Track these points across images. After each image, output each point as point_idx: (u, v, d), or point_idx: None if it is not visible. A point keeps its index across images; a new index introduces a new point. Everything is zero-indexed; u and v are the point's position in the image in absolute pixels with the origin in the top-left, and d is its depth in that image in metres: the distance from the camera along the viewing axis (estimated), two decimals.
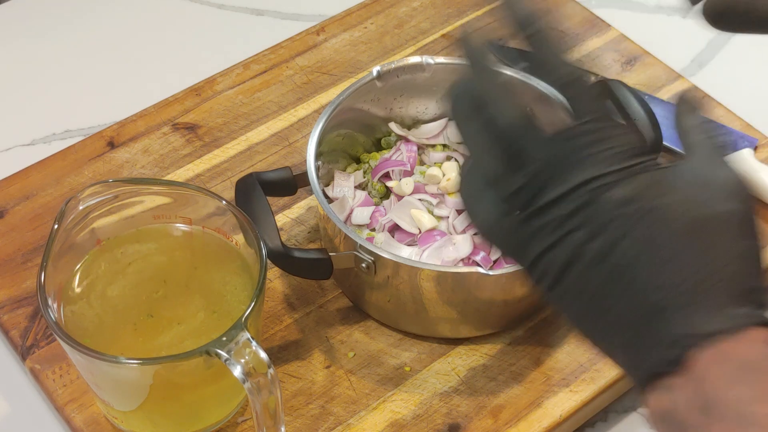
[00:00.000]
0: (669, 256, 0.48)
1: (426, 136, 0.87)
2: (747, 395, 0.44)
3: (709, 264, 0.47)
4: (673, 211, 0.49)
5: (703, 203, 0.49)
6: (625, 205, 0.49)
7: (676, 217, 0.48)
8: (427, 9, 1.03)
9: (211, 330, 0.70)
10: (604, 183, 0.50)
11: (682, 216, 0.48)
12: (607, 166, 0.50)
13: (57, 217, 0.71)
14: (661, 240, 0.48)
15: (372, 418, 0.75)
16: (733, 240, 0.48)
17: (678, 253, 0.48)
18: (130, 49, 1.05)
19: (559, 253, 0.50)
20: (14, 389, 0.79)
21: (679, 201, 0.49)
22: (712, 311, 0.47)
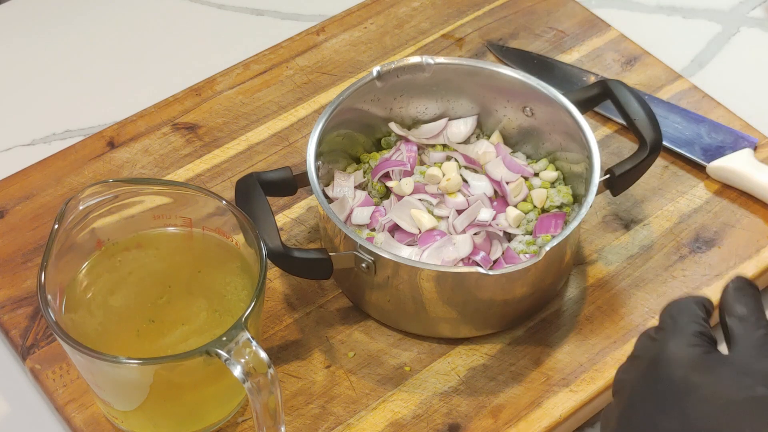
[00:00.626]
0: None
1: (426, 136, 0.87)
2: None
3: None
4: (710, 393, 0.56)
5: (737, 389, 0.55)
6: (674, 387, 0.57)
7: (716, 395, 0.55)
8: (427, 9, 1.03)
9: (214, 328, 0.70)
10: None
11: (721, 395, 0.55)
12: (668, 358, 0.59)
13: (57, 217, 0.71)
14: (699, 415, 0.55)
15: (372, 418, 0.75)
16: (765, 424, 0.54)
17: (714, 429, 0.54)
18: (130, 49, 1.05)
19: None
20: (14, 389, 0.79)
21: (715, 383, 0.56)
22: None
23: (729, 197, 0.88)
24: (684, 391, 0.56)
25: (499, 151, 0.85)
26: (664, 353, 0.58)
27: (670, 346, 0.58)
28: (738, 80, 1.01)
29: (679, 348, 0.58)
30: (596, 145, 0.79)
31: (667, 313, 0.61)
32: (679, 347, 0.58)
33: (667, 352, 0.58)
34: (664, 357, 0.58)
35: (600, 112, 0.93)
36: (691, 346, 0.58)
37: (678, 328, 0.59)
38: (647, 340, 0.61)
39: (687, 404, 0.56)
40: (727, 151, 0.89)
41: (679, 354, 0.58)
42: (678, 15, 1.08)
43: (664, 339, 0.59)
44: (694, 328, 0.59)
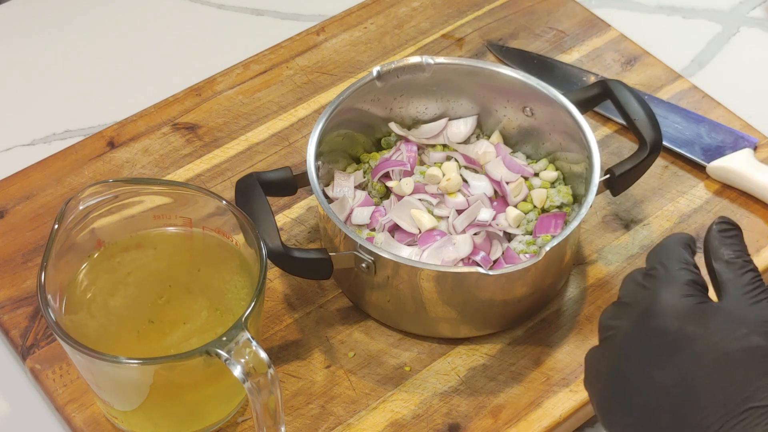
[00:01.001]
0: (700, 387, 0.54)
1: (426, 136, 0.87)
2: None
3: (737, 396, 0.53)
4: (704, 345, 0.55)
5: (731, 339, 0.55)
6: (668, 338, 0.56)
7: (710, 347, 0.55)
8: (427, 9, 1.03)
9: (216, 326, 0.70)
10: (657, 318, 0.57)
11: (716, 347, 0.55)
12: (661, 308, 0.58)
13: (57, 217, 0.71)
14: (695, 368, 0.55)
15: (372, 418, 0.75)
16: (760, 373, 0.54)
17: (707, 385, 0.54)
18: (130, 49, 1.05)
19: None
20: (14, 389, 0.79)
21: (710, 335, 0.55)
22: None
23: (729, 197, 0.88)
24: (679, 344, 0.56)
25: (499, 151, 0.85)
26: (656, 304, 0.57)
27: (663, 296, 0.57)
28: (738, 80, 1.01)
29: (672, 299, 0.57)
30: (596, 145, 0.79)
31: (656, 258, 0.60)
32: (672, 298, 0.57)
33: (660, 302, 0.57)
34: (657, 308, 0.57)
35: (600, 112, 0.93)
36: (685, 296, 0.57)
37: (670, 277, 0.58)
38: (636, 287, 0.60)
39: (682, 357, 0.55)
40: (727, 151, 0.89)
41: (672, 305, 0.57)
42: (678, 15, 1.08)
43: (656, 288, 0.58)
44: (686, 276, 0.58)
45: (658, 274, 0.59)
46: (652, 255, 0.61)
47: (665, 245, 0.60)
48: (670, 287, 0.58)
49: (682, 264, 0.59)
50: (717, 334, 0.55)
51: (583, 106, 0.83)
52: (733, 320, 0.56)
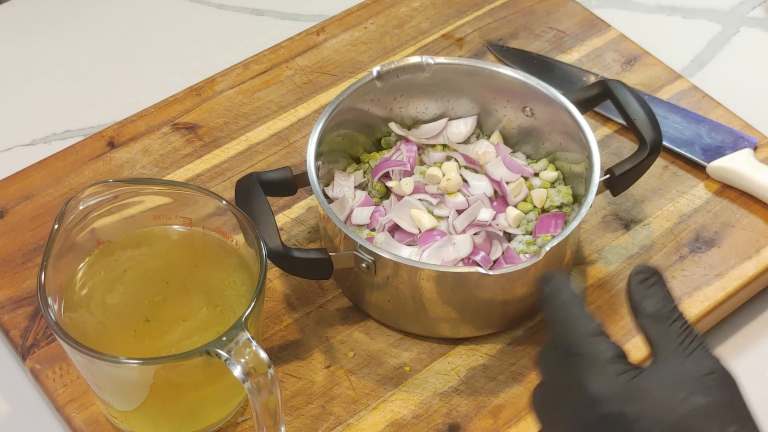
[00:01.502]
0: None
1: (426, 136, 0.87)
2: None
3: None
4: (649, 420, 0.54)
5: (676, 405, 0.54)
6: (612, 423, 0.55)
7: (654, 425, 0.54)
8: (427, 9, 1.03)
9: (216, 324, 0.71)
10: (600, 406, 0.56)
11: (659, 422, 0.54)
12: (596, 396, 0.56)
13: (57, 217, 0.71)
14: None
15: (372, 418, 0.75)
16: (718, 429, 0.53)
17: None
18: (130, 49, 1.05)
19: None
20: (14, 389, 0.79)
21: (651, 409, 0.54)
22: None
23: (729, 197, 0.88)
24: (624, 427, 0.54)
25: (499, 151, 0.85)
26: (591, 392, 0.56)
27: (595, 383, 0.56)
28: (738, 80, 1.01)
29: (604, 383, 0.56)
30: (596, 145, 0.79)
31: (563, 337, 0.58)
32: (604, 383, 0.56)
33: (594, 390, 0.56)
34: (592, 396, 0.56)
35: (600, 112, 0.93)
36: (616, 376, 0.56)
37: (591, 360, 0.57)
38: (557, 365, 0.59)
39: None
40: (727, 151, 0.89)
41: (606, 391, 0.55)
42: (678, 15, 1.08)
43: (583, 375, 0.56)
44: (606, 353, 0.57)
45: (576, 360, 0.57)
46: (555, 330, 0.59)
47: (564, 319, 0.59)
48: (597, 371, 0.56)
49: (593, 338, 0.57)
50: (658, 407, 0.54)
51: (583, 106, 0.83)
52: (670, 385, 0.55)
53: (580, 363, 0.57)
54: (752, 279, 0.83)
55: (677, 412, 0.53)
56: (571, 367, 0.58)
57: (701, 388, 0.54)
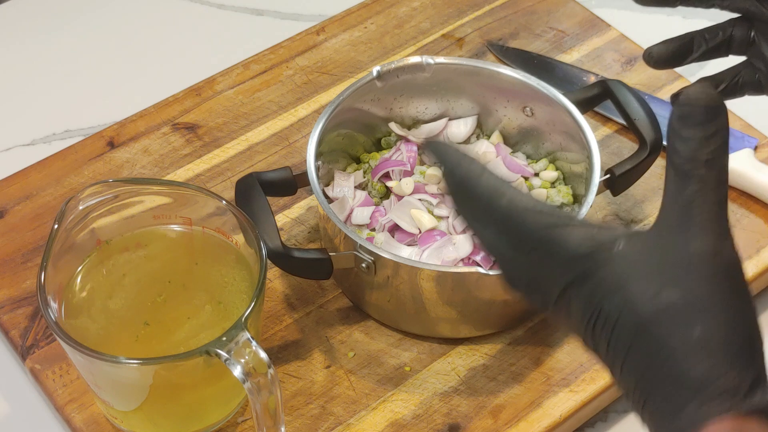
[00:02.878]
0: (622, 362, 0.47)
1: (426, 136, 0.87)
2: None
3: (659, 365, 0.46)
4: (618, 314, 0.47)
5: (645, 301, 0.46)
6: (585, 311, 0.49)
7: (622, 321, 0.47)
8: (427, 9, 1.03)
9: (222, 320, 0.71)
10: (569, 292, 0.49)
11: (627, 319, 0.47)
12: (564, 281, 0.49)
13: (57, 217, 0.71)
14: (614, 344, 0.47)
15: (372, 418, 0.75)
16: (680, 333, 0.46)
17: (629, 356, 0.47)
18: (130, 49, 1.05)
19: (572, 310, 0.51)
20: (14, 389, 0.79)
21: (623, 302, 0.47)
22: (675, 414, 0.46)
23: (729, 197, 0.88)
24: (601, 324, 0.48)
25: (499, 151, 0.85)
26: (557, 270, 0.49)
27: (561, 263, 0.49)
28: None
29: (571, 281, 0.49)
30: (596, 145, 0.79)
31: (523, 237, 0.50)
32: (572, 282, 0.49)
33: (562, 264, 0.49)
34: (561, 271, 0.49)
35: (600, 112, 0.93)
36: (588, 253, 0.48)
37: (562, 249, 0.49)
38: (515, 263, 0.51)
39: (606, 338, 0.48)
40: None
41: (578, 290, 0.48)
42: (678, 15, 1.08)
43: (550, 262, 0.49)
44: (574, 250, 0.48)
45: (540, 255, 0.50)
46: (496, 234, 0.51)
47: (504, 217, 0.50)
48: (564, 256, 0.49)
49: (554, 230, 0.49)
50: (623, 301, 0.47)
51: (583, 106, 0.83)
52: (646, 271, 0.46)
53: (544, 264, 0.49)
54: (752, 279, 0.83)
55: (645, 309, 0.46)
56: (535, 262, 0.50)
57: (678, 278, 0.46)
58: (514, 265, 0.51)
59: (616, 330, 0.47)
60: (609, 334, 0.47)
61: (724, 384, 0.44)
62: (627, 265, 0.47)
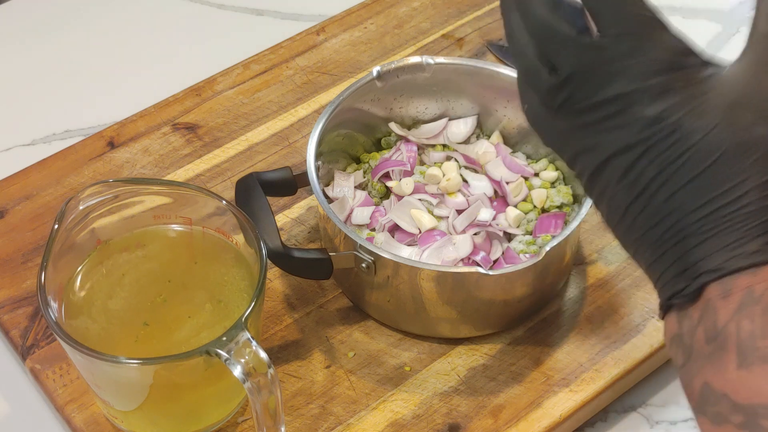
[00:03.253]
0: (688, 180, 0.47)
1: (426, 136, 0.87)
2: (752, 330, 0.45)
3: (732, 195, 0.46)
4: (704, 135, 0.47)
5: (739, 129, 0.46)
6: (653, 124, 0.48)
7: (706, 142, 0.46)
8: (427, 9, 1.03)
9: (223, 319, 0.71)
10: (636, 98, 0.48)
11: (713, 141, 0.46)
12: (641, 81, 0.48)
13: (57, 217, 0.71)
14: (683, 163, 0.47)
15: (372, 418, 0.75)
16: (762, 171, 0.46)
17: (698, 178, 0.46)
18: (130, 49, 1.05)
19: (591, 160, 0.50)
20: (14, 389, 0.79)
21: (712, 124, 0.47)
22: (732, 245, 0.46)
23: None
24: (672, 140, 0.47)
25: (499, 151, 0.85)
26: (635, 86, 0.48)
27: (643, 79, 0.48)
28: None
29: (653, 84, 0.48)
30: None
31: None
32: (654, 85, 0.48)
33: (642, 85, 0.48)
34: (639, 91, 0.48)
35: None
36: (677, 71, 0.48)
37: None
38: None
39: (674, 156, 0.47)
40: None
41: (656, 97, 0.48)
42: (678, 15, 1.08)
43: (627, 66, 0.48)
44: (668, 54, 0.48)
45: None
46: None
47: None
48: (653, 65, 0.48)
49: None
50: (719, 126, 0.46)
51: None
52: (741, 104, 0.47)
53: (627, 53, 0.48)
54: None
55: (736, 137, 0.46)
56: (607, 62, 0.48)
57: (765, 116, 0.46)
58: (575, 45, 0.49)
59: (693, 150, 0.46)
60: (678, 155, 0.47)
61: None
62: (722, 91, 0.47)
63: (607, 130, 0.49)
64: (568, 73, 0.49)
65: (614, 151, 0.49)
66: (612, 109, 0.48)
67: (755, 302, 0.45)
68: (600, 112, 0.49)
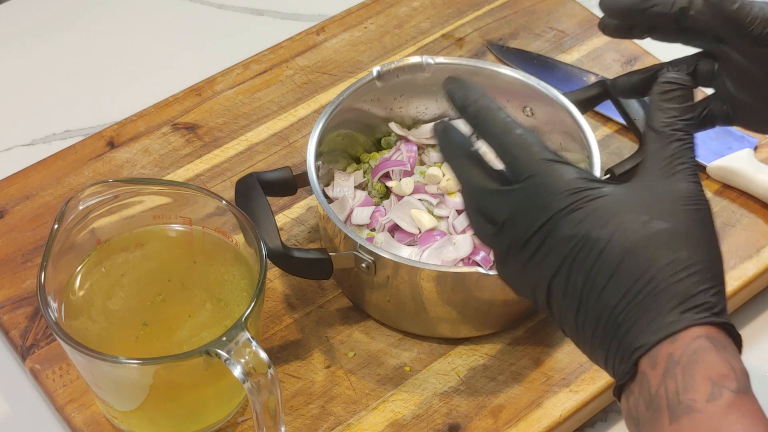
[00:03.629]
0: (607, 280, 0.53)
1: (426, 136, 0.87)
2: (676, 388, 0.51)
3: (642, 282, 0.52)
4: (608, 240, 0.53)
5: (636, 228, 0.53)
6: (570, 241, 0.54)
7: (611, 246, 0.53)
8: (427, 9, 1.03)
9: (224, 318, 0.71)
10: (553, 224, 0.55)
11: (617, 243, 0.53)
12: (553, 209, 0.55)
13: (57, 217, 0.71)
14: (599, 268, 0.53)
15: (372, 418, 0.75)
16: (668, 255, 0.53)
17: (614, 277, 0.53)
18: (131, 49, 1.05)
19: (540, 290, 0.57)
20: (14, 389, 0.79)
21: (613, 229, 0.54)
22: (652, 323, 0.52)
23: (729, 197, 0.88)
24: (584, 249, 0.54)
25: None
26: (549, 211, 0.55)
27: (553, 202, 0.55)
28: None
29: (564, 201, 0.55)
30: (596, 145, 0.79)
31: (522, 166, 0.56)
32: (563, 201, 0.55)
33: (553, 207, 0.55)
34: (551, 214, 0.55)
35: (600, 112, 0.93)
36: (577, 193, 0.55)
37: (551, 184, 0.55)
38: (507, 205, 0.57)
39: (591, 264, 0.54)
40: (727, 151, 0.89)
41: (567, 207, 0.55)
42: None
43: (542, 198, 0.55)
44: (570, 174, 0.55)
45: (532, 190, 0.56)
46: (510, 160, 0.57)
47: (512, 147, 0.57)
48: (555, 192, 0.55)
49: (549, 163, 0.56)
50: (617, 230, 0.53)
51: (583, 106, 0.83)
52: (635, 207, 0.54)
53: (538, 191, 0.55)
54: (752, 279, 0.83)
55: (635, 235, 0.53)
56: (514, 199, 0.56)
57: (665, 213, 0.53)
58: (500, 197, 0.57)
59: (604, 255, 0.53)
60: (593, 262, 0.53)
61: (704, 298, 0.52)
62: (618, 201, 0.55)
63: (543, 258, 0.56)
64: (503, 220, 0.57)
65: (551, 274, 0.55)
66: (539, 239, 0.55)
67: (676, 364, 0.51)
68: (533, 245, 0.56)
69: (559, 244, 0.55)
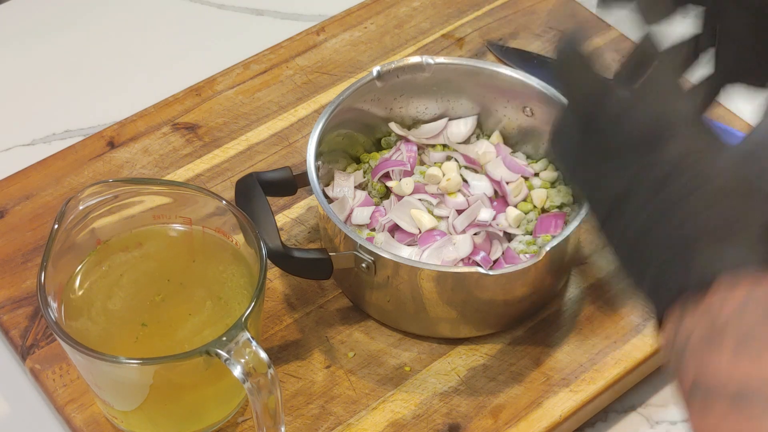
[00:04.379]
0: (712, 202, 0.53)
1: (426, 136, 0.87)
2: (752, 321, 0.49)
3: (748, 211, 0.52)
4: (724, 168, 0.54)
5: (750, 179, 0.53)
6: (684, 157, 0.54)
7: (726, 173, 0.53)
8: (427, 9, 1.03)
9: (225, 316, 0.71)
10: (670, 137, 0.55)
11: (731, 173, 0.53)
12: (674, 126, 0.56)
13: (57, 217, 0.71)
14: (709, 187, 0.53)
15: (372, 418, 0.75)
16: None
17: (721, 200, 0.53)
18: (130, 49, 1.05)
19: (617, 185, 0.56)
20: (14, 389, 0.79)
21: (730, 162, 0.54)
22: (741, 249, 0.51)
23: None
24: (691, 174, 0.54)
25: (499, 151, 0.85)
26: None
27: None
28: None
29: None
30: None
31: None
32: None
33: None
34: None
35: None
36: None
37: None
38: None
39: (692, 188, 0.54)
40: None
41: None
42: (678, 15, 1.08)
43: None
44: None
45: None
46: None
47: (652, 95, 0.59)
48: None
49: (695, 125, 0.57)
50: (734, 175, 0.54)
51: None
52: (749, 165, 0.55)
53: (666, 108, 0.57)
54: None
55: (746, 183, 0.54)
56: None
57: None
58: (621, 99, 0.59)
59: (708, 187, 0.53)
60: (696, 188, 0.53)
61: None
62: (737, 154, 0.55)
63: (643, 168, 0.55)
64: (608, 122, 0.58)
65: (645, 176, 0.55)
66: (648, 148, 0.55)
67: (756, 301, 0.49)
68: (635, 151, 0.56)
69: (669, 156, 0.55)
